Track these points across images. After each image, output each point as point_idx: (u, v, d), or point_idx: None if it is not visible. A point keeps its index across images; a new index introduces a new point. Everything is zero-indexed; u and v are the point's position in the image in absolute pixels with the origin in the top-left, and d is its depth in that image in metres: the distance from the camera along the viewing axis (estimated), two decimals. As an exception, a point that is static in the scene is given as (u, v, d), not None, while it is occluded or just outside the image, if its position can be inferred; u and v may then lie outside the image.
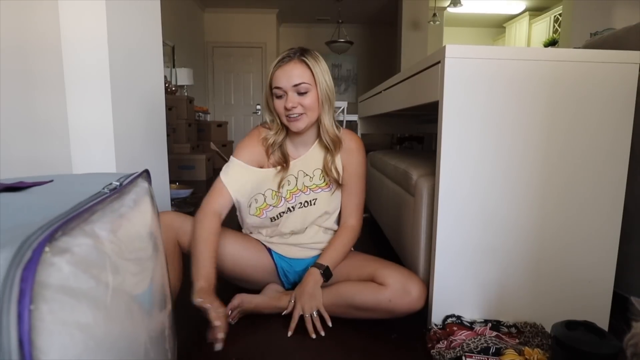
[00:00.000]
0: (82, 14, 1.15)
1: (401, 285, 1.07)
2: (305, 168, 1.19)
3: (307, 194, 1.20)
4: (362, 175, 1.23)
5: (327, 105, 1.13)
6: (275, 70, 1.08)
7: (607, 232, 1.07)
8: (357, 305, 1.10)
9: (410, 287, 1.07)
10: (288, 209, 1.20)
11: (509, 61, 1.01)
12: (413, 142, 4.03)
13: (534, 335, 1.02)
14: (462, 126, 1.03)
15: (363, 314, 1.12)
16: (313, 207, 1.21)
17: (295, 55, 1.08)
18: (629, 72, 1.01)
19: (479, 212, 1.06)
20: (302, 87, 1.07)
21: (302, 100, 1.08)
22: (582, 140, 1.04)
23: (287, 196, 1.19)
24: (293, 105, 1.07)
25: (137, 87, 1.38)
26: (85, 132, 1.20)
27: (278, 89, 1.08)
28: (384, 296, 1.07)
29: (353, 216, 1.23)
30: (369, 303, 1.09)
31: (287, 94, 1.08)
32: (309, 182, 1.20)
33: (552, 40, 5.83)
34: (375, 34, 7.63)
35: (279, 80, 1.07)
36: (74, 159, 1.20)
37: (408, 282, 1.08)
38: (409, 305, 1.07)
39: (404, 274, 1.11)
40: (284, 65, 1.07)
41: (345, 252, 1.20)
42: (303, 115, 1.10)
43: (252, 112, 7.24)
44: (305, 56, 1.09)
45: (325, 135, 1.16)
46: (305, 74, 1.08)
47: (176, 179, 3.85)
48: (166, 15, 1.82)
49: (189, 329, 1.15)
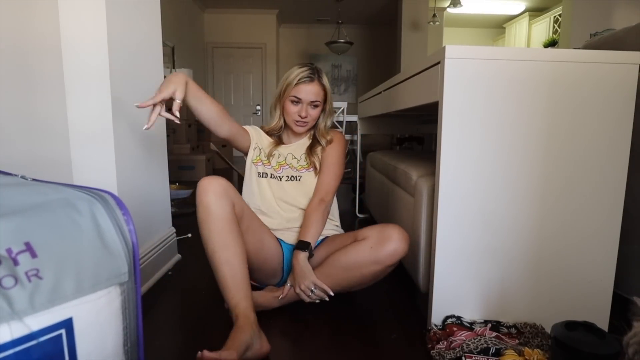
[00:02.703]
0: (82, 14, 1.15)
1: (378, 232, 1.17)
2: (294, 152, 1.43)
3: (293, 170, 1.40)
4: (339, 163, 1.40)
5: (329, 114, 1.43)
6: (298, 83, 1.32)
7: (607, 232, 1.07)
8: (345, 266, 1.18)
9: (389, 232, 1.16)
10: (278, 177, 1.39)
11: (508, 62, 1.01)
12: (413, 143, 4.02)
13: (533, 336, 1.02)
14: (462, 126, 1.03)
15: (355, 277, 1.19)
16: (299, 182, 1.39)
17: (315, 77, 1.34)
18: (629, 73, 1.01)
19: (479, 212, 1.06)
20: (316, 103, 1.35)
21: (311, 112, 1.36)
22: (582, 141, 1.04)
23: (275, 166, 1.40)
24: (306, 114, 1.35)
25: (137, 87, 1.38)
26: (85, 132, 1.19)
27: (297, 99, 1.34)
28: (364, 247, 1.16)
29: (324, 192, 1.35)
30: (353, 258, 1.17)
31: (303, 105, 1.34)
32: (296, 163, 1.42)
33: (552, 41, 5.83)
34: (375, 35, 7.63)
35: (300, 93, 1.33)
36: (73, 159, 1.20)
37: (385, 229, 1.17)
38: (392, 249, 1.14)
39: (381, 225, 1.21)
40: (307, 83, 1.33)
41: (322, 225, 1.31)
42: (308, 123, 1.38)
43: (252, 112, 7.24)
44: (323, 80, 1.37)
45: (320, 136, 1.43)
46: (321, 94, 1.36)
47: (176, 179, 3.85)
48: (166, 16, 1.82)
49: (189, 325, 1.15)
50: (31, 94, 1.17)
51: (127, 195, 1.27)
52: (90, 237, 0.59)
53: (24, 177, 0.70)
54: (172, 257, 1.65)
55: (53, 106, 1.18)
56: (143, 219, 1.44)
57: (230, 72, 7.12)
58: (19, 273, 0.49)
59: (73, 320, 0.54)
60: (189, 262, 1.66)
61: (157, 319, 1.21)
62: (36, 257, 0.52)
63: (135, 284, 0.65)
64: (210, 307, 1.28)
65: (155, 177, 1.55)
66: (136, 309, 0.66)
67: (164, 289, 1.42)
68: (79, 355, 0.55)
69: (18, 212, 0.55)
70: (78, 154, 1.20)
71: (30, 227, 0.54)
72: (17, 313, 0.48)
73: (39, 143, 1.19)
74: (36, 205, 0.57)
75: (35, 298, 0.50)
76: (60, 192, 0.63)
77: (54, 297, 0.52)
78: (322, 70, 1.40)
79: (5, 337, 0.47)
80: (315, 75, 1.34)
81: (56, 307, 0.52)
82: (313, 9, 6.61)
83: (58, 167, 1.19)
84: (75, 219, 0.59)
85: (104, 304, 0.59)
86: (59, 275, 0.53)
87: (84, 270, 0.56)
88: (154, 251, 1.47)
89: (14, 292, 0.48)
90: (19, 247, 0.51)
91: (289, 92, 1.34)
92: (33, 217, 0.55)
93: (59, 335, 0.52)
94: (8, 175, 0.71)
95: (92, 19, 1.15)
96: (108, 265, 0.60)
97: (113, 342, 0.61)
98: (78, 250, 0.57)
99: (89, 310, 0.56)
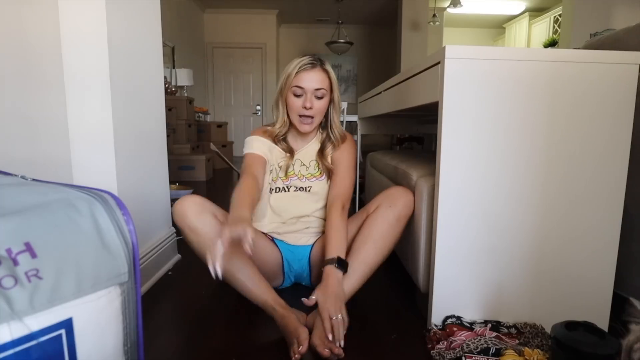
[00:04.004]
0: (82, 14, 1.15)
1: (386, 196, 1.22)
2: (303, 158, 1.33)
3: (302, 181, 1.31)
4: (352, 168, 1.33)
5: (338, 107, 1.31)
6: (299, 71, 1.20)
7: (607, 232, 1.07)
8: (376, 236, 1.18)
9: (394, 190, 1.22)
10: (284, 188, 1.32)
11: (508, 62, 1.01)
12: (413, 143, 4.03)
13: (533, 336, 1.02)
14: (462, 126, 1.03)
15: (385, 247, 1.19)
16: (308, 193, 1.31)
17: (318, 63, 1.22)
18: (629, 73, 1.01)
19: (479, 212, 1.06)
20: (321, 92, 1.22)
21: (317, 104, 1.23)
22: (582, 141, 1.04)
23: (283, 177, 1.32)
24: (311, 105, 1.21)
25: (137, 87, 1.38)
26: (85, 133, 1.19)
27: (300, 88, 1.21)
28: (384, 210, 1.19)
29: (345, 199, 1.27)
30: (380, 225, 1.18)
31: (307, 95, 1.21)
32: (305, 171, 1.32)
33: (552, 41, 5.83)
34: (375, 35, 7.63)
35: (302, 81, 1.20)
36: (73, 159, 1.20)
37: (389, 191, 1.23)
38: (405, 199, 1.19)
39: (382, 192, 1.25)
40: (309, 70, 1.21)
41: (345, 236, 1.21)
42: (313, 119, 1.25)
43: (252, 112, 7.24)
44: (326, 66, 1.25)
45: (334, 131, 1.32)
46: (325, 82, 1.23)
47: (176, 179, 3.85)
48: (166, 16, 1.82)
49: (189, 325, 1.15)
50: (31, 94, 1.17)
51: (127, 195, 1.27)
52: (90, 237, 0.59)
53: (24, 177, 0.70)
54: (172, 257, 1.65)
55: (53, 106, 1.18)
56: (143, 219, 1.44)
57: (230, 72, 7.12)
58: (19, 273, 0.49)
59: (73, 320, 0.54)
60: (189, 262, 1.66)
61: (157, 319, 1.21)
62: (36, 258, 0.52)
63: (135, 284, 0.65)
64: (210, 307, 1.28)
65: (155, 177, 1.55)
66: (136, 309, 0.66)
67: (164, 289, 1.42)
68: (79, 356, 0.55)
69: (18, 212, 0.55)
70: (78, 154, 1.20)
71: (30, 227, 0.54)
72: (17, 313, 0.48)
73: (39, 143, 1.19)
74: (36, 205, 0.57)
75: (35, 298, 0.50)
76: (60, 192, 0.63)
77: (53, 297, 0.52)
78: (325, 59, 1.28)
79: (5, 338, 0.47)
80: (317, 61, 1.23)
81: (56, 307, 0.52)
82: (313, 9, 6.61)
83: (58, 167, 1.19)
84: (75, 219, 0.59)
85: (104, 304, 0.59)
86: (58, 276, 0.53)
87: (83, 270, 0.56)
88: (154, 251, 1.47)
89: (14, 292, 0.48)
90: (18, 248, 0.51)
91: (289, 82, 1.22)
92: (33, 217, 0.55)
93: (58, 335, 0.52)
94: (8, 175, 0.71)
95: (92, 19, 1.15)
96: (108, 265, 0.60)
97: (113, 342, 0.61)
98: (78, 251, 0.57)
99: (88, 311, 0.56)
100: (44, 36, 1.15)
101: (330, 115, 1.31)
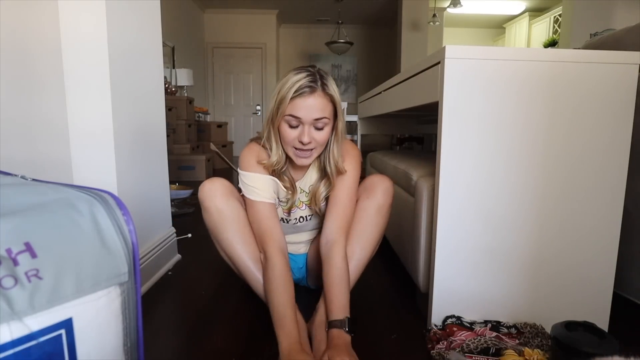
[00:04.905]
0: (82, 14, 1.15)
1: (364, 189, 1.18)
2: (304, 186, 1.20)
3: (302, 209, 1.23)
4: (354, 190, 1.16)
5: (341, 136, 1.10)
6: (295, 97, 0.98)
7: (607, 232, 1.07)
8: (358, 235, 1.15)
9: (370, 181, 1.18)
10: (284, 219, 1.24)
11: (508, 62, 1.01)
12: (413, 143, 4.03)
13: (533, 336, 1.02)
14: (462, 126, 1.03)
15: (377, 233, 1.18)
16: (310, 222, 1.27)
17: (317, 86, 0.99)
18: (629, 73, 1.01)
19: (479, 213, 1.06)
20: (322, 122, 1.01)
21: (317, 135, 1.02)
22: (582, 141, 1.04)
23: (285, 209, 1.22)
24: (309, 139, 1.01)
25: (137, 87, 1.38)
26: (84, 133, 1.19)
27: (295, 118, 0.99)
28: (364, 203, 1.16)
29: (344, 233, 1.09)
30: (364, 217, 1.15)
31: (304, 127, 1.00)
32: (305, 197, 1.21)
33: (552, 41, 5.83)
34: (375, 35, 7.64)
35: (298, 110, 0.98)
36: (73, 159, 1.20)
37: (366, 181, 1.20)
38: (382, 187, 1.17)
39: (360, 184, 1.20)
40: (307, 95, 0.97)
41: (348, 284, 1.04)
42: (313, 151, 1.05)
43: (252, 112, 7.24)
44: (328, 88, 1.01)
45: (330, 165, 1.11)
46: (327, 109, 1.01)
47: (176, 179, 3.85)
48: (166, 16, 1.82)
49: (189, 325, 1.15)
50: (31, 94, 1.17)
51: (127, 195, 1.27)
52: (90, 237, 0.59)
53: (24, 177, 0.70)
54: (172, 257, 1.65)
55: (53, 106, 1.18)
56: (143, 219, 1.44)
57: (230, 72, 7.13)
58: (19, 273, 0.49)
59: (73, 320, 0.54)
60: (189, 262, 1.66)
61: (157, 319, 1.21)
62: (36, 258, 0.52)
63: (135, 284, 0.65)
64: (210, 307, 1.28)
65: (155, 177, 1.55)
66: (136, 309, 0.65)
67: (164, 289, 1.41)
68: (78, 355, 0.55)
69: (18, 212, 0.55)
70: (78, 154, 1.20)
71: (30, 227, 0.54)
72: (16, 313, 0.48)
73: (39, 143, 1.19)
74: (36, 205, 0.57)
75: (35, 298, 0.50)
76: (60, 192, 0.62)
77: (53, 297, 0.52)
78: (327, 73, 1.04)
79: (5, 338, 0.46)
80: (317, 82, 0.99)
81: (56, 307, 0.52)
82: (313, 9, 6.62)
83: (58, 167, 1.19)
84: (75, 219, 0.59)
85: (103, 304, 0.59)
86: (58, 276, 0.53)
87: (83, 270, 0.56)
88: (154, 251, 1.47)
89: (14, 292, 0.48)
90: (18, 248, 0.51)
91: (283, 110, 0.99)
92: (33, 217, 0.55)
93: (58, 335, 0.52)
94: (8, 175, 0.71)
95: (92, 19, 1.15)
96: (108, 265, 0.60)
97: (113, 342, 0.61)
98: (78, 251, 0.57)
99: (88, 311, 0.56)
100: (43, 36, 1.15)
101: (329, 146, 1.09)
